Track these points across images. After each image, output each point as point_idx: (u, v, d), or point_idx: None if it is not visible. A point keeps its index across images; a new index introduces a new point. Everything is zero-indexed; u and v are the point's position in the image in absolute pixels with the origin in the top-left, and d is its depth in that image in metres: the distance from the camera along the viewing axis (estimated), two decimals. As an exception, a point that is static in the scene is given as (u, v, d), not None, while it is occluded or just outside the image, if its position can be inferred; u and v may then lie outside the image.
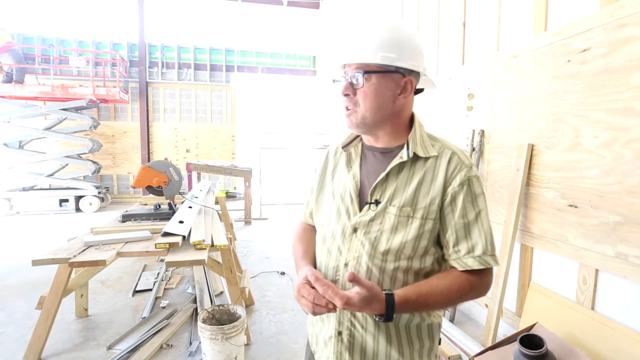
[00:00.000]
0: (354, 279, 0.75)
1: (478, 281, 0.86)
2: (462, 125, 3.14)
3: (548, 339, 1.72)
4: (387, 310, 0.78)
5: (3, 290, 3.44)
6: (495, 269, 1.16)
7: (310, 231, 1.12)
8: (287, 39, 10.35)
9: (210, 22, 9.90)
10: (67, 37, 9.19)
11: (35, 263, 1.80)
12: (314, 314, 0.80)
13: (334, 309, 0.78)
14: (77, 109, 8.15)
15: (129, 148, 9.47)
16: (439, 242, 0.89)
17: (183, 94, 9.71)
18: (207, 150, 9.81)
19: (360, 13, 6.02)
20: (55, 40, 9.03)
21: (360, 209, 0.90)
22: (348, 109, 0.89)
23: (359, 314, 0.88)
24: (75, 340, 2.62)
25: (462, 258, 0.85)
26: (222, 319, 2.40)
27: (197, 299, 3.11)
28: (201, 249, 2.02)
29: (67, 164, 8.24)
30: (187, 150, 9.73)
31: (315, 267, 0.99)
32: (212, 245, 2.10)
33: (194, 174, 6.36)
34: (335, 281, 0.91)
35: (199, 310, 2.90)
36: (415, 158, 0.89)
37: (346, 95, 0.88)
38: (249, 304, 3.09)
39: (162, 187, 2.84)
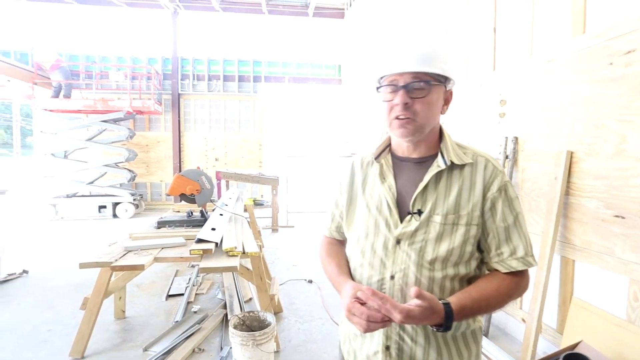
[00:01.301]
0: (420, 295, 0.74)
1: (521, 281, 0.89)
2: (493, 132, 3.05)
3: (595, 359, 1.62)
4: (447, 321, 0.78)
5: (51, 291, 3.66)
6: (533, 282, 1.13)
7: (337, 245, 1.12)
8: (312, 49, 10.53)
9: (238, 35, 10.24)
10: (107, 54, 9.81)
11: (82, 266, 1.92)
12: (367, 330, 0.77)
13: (389, 322, 0.76)
14: (116, 121, 8.63)
15: (162, 157, 9.89)
16: (479, 246, 0.91)
17: (213, 104, 10.06)
18: (235, 159, 10.07)
19: (386, 21, 6.03)
20: (98, 57, 9.67)
21: (401, 220, 0.90)
22: (402, 118, 0.86)
23: (408, 327, 0.88)
24: (114, 340, 2.74)
25: (505, 260, 0.87)
26: (252, 325, 2.43)
27: (227, 305, 3.18)
28: (233, 255, 2.07)
29: (105, 172, 8.72)
30: (216, 159, 10.03)
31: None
32: (243, 252, 2.15)
33: (223, 182, 6.54)
34: None
35: (229, 316, 2.96)
36: (451, 166, 0.89)
37: (405, 103, 0.85)
38: (277, 312, 3.12)
39: (195, 195, 2.94)
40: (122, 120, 8.76)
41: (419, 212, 0.88)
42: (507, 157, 2.80)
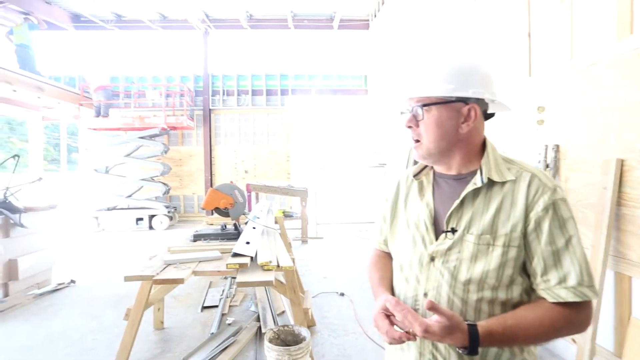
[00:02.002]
0: (433, 307, 0.74)
1: (574, 315, 0.79)
2: (531, 140, 2.93)
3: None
4: (471, 343, 0.74)
5: (95, 301, 3.85)
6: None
7: (384, 258, 1.13)
8: (338, 60, 10.66)
9: (266, 50, 10.56)
10: (144, 74, 10.41)
11: (127, 279, 2.01)
12: (392, 343, 0.79)
13: (413, 337, 0.76)
14: (151, 137, 9.07)
15: (194, 170, 10.27)
16: (525, 270, 0.85)
17: (242, 118, 10.37)
18: (264, 171, 10.27)
19: (411, 29, 6.01)
20: (136, 77, 10.28)
21: (437, 238, 0.89)
22: (415, 141, 0.91)
23: (441, 346, 0.85)
24: (154, 350, 2.83)
25: (552, 288, 0.80)
26: (286, 339, 2.43)
27: (260, 318, 3.20)
28: (268, 269, 2.10)
29: (142, 186, 9.14)
30: (246, 171, 10.28)
31: (392, 294, 0.99)
32: (278, 266, 2.17)
33: (252, 194, 6.67)
34: (414, 310, 0.90)
35: (263, 329, 2.98)
36: (491, 183, 0.86)
37: (409, 127, 0.91)
38: (310, 325, 3.10)
39: (229, 208, 3.02)
40: (158, 136, 9.19)
41: (453, 231, 0.87)
42: (547, 166, 2.67)
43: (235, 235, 2.98)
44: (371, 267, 1.12)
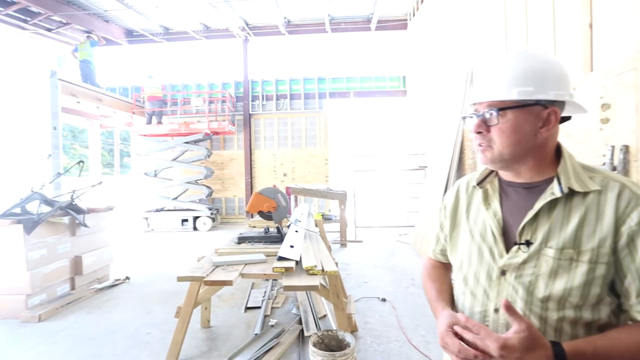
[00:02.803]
0: (508, 307, 0.69)
1: None
2: (594, 140, 2.70)
3: None
4: None
5: (147, 297, 4.09)
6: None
7: (440, 268, 1.09)
8: (376, 62, 10.56)
9: (303, 55, 10.70)
10: (189, 82, 10.96)
11: (180, 279, 2.10)
12: None
13: (489, 356, 0.69)
14: (196, 142, 9.52)
15: (235, 173, 10.63)
16: (614, 289, 0.77)
17: (280, 122, 10.58)
18: (302, 174, 10.39)
19: (453, 28, 5.79)
20: (181, 85, 10.86)
21: (507, 250, 0.84)
22: (481, 146, 0.86)
23: None
24: (202, 348, 2.94)
25: None
26: (330, 344, 2.42)
27: (303, 321, 3.22)
28: (313, 274, 2.10)
29: (187, 189, 9.62)
30: (284, 174, 10.46)
31: (453, 308, 0.94)
32: (323, 270, 2.17)
33: (291, 197, 6.76)
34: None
35: (305, 332, 3.00)
36: (571, 193, 0.79)
37: (479, 132, 0.85)
38: (352, 331, 3.07)
39: (272, 212, 3.07)
40: (201, 141, 9.63)
41: (527, 243, 0.80)
42: (614, 168, 2.45)
43: (278, 238, 3.03)
44: (426, 278, 1.07)
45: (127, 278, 4.73)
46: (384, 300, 3.84)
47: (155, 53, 11.41)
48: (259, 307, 3.65)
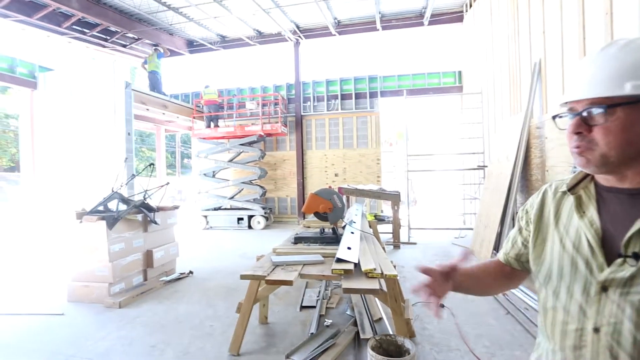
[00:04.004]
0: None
1: None
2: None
3: None
4: None
5: (209, 291, 4.35)
6: None
7: (499, 268, 1.07)
8: (428, 58, 10.20)
9: (354, 54, 10.67)
10: (244, 87, 11.47)
11: (243, 277, 2.20)
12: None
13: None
14: (250, 144, 9.94)
15: (287, 174, 10.90)
16: None
17: (331, 122, 10.64)
18: (354, 174, 10.35)
19: (514, 16, 5.37)
20: (236, 90, 11.40)
21: (608, 263, 0.74)
22: (579, 147, 0.77)
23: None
24: (261, 343, 3.05)
25: None
26: (389, 349, 2.37)
27: (358, 323, 3.20)
28: (372, 277, 2.07)
29: (242, 189, 10.07)
30: (336, 175, 10.51)
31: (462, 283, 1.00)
32: (382, 274, 2.13)
33: (344, 198, 6.76)
34: (579, 347, 0.77)
35: (361, 335, 2.97)
36: None
37: (577, 133, 0.77)
38: (410, 336, 2.98)
39: (328, 213, 3.09)
40: (255, 142, 10.03)
41: (636, 256, 0.70)
42: None
43: (334, 239, 3.04)
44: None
45: (191, 272, 5.07)
46: (442, 305, 3.66)
47: (212, 60, 12.13)
48: (314, 307, 3.70)
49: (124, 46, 10.75)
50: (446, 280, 0.95)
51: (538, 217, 0.93)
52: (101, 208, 4.21)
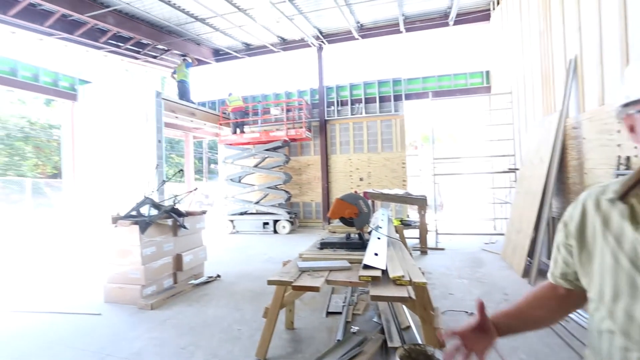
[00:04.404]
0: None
1: None
2: None
3: None
4: None
5: (237, 294, 4.42)
6: None
7: (549, 291, 0.98)
8: (454, 58, 9.98)
9: (377, 57, 10.59)
10: (268, 93, 11.66)
11: (270, 283, 2.22)
12: None
13: None
14: (275, 149, 10.07)
15: (312, 178, 10.94)
16: None
17: (355, 126, 10.60)
18: (379, 178, 10.24)
19: (545, 12, 5.14)
20: (261, 96, 11.61)
21: None
22: None
23: None
24: (287, 349, 3.05)
25: None
26: (418, 359, 2.31)
27: (385, 330, 3.14)
28: (400, 284, 2.03)
29: (267, 194, 10.20)
30: (361, 179, 10.43)
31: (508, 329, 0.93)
32: (410, 281, 2.08)
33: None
34: None
35: (388, 343, 2.91)
36: None
37: None
38: (440, 346, 2.89)
39: (354, 218, 3.06)
40: (280, 148, 10.15)
41: None
42: None
43: (360, 245, 3.01)
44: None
45: (218, 276, 5.17)
46: (472, 315, 3.54)
47: (237, 68, 12.43)
48: (340, 313, 3.67)
49: (155, 57, 11.23)
50: (483, 333, 0.89)
51: (579, 230, 0.85)
52: (134, 213, 4.39)
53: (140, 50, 10.66)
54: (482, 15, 9.25)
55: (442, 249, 6.63)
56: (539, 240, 4.63)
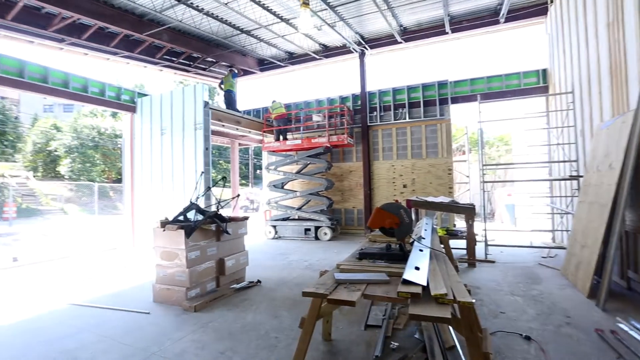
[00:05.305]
0: None
1: None
2: None
3: None
4: None
5: (275, 301, 4.43)
6: None
7: None
8: (505, 58, 9.38)
9: (421, 61, 10.29)
10: (310, 99, 11.78)
11: (305, 294, 2.17)
12: None
13: None
14: (317, 155, 10.11)
15: (354, 185, 10.82)
16: None
17: (398, 132, 10.32)
18: (423, 185, 9.85)
19: (616, 4, 4.59)
20: (303, 103, 11.76)
21: None
22: None
23: None
24: (324, 361, 2.97)
25: None
26: (463, 386, 2.12)
27: (427, 349, 2.94)
28: (443, 303, 1.87)
29: (309, 200, 10.24)
30: (404, 186, 10.11)
31: None
32: (454, 299, 1.91)
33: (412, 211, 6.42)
34: None
35: (431, 363, 2.72)
36: None
37: None
38: (489, 372, 2.63)
39: (394, 228, 2.92)
40: (322, 154, 10.17)
41: None
42: None
43: (401, 256, 2.86)
44: None
45: (259, 281, 5.24)
46: (527, 338, 3.20)
47: (280, 77, 12.73)
48: (380, 327, 3.52)
49: (204, 69, 11.88)
50: None
51: None
52: (181, 218, 4.60)
53: (191, 63, 11.34)
54: (538, 9, 8.61)
55: (492, 262, 6.15)
56: (609, 257, 4.09)
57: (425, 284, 2.03)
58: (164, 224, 4.47)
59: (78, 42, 8.70)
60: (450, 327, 3.26)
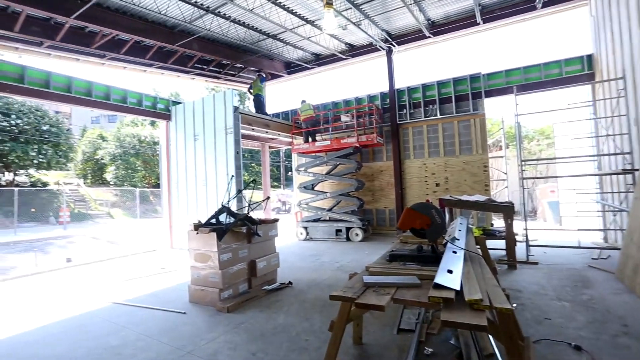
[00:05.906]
0: None
1: None
2: None
3: None
4: None
5: (306, 303, 4.43)
6: None
7: None
8: (543, 46, 8.80)
9: (451, 54, 9.91)
10: (338, 100, 11.73)
11: (332, 298, 2.14)
12: None
13: None
14: (346, 156, 10.03)
15: (385, 185, 10.62)
16: None
17: (430, 129, 10.01)
18: (457, 183, 9.48)
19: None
20: (331, 104, 11.73)
21: None
22: None
23: None
24: (355, 366, 2.91)
25: None
26: (504, 397, 1.98)
27: (464, 356, 2.79)
28: (478, 309, 1.75)
29: (340, 201, 10.18)
30: (437, 185, 9.78)
31: None
32: (490, 306, 1.79)
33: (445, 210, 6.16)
34: None
35: (468, 372, 2.58)
36: None
37: None
38: (533, 382, 2.45)
39: (425, 229, 2.81)
40: (352, 154, 10.08)
41: None
42: None
43: (433, 258, 2.74)
44: None
45: (290, 283, 5.26)
46: (578, 348, 2.95)
47: (308, 78, 12.78)
48: (413, 331, 3.40)
49: (234, 75, 12.20)
50: None
51: None
52: (213, 221, 4.72)
53: (221, 70, 11.69)
54: (581, -8, 8.02)
55: (535, 264, 5.77)
56: (671, 258, 3.70)
57: (458, 288, 1.92)
58: (197, 227, 4.61)
59: (117, 56, 9.25)
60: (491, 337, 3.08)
